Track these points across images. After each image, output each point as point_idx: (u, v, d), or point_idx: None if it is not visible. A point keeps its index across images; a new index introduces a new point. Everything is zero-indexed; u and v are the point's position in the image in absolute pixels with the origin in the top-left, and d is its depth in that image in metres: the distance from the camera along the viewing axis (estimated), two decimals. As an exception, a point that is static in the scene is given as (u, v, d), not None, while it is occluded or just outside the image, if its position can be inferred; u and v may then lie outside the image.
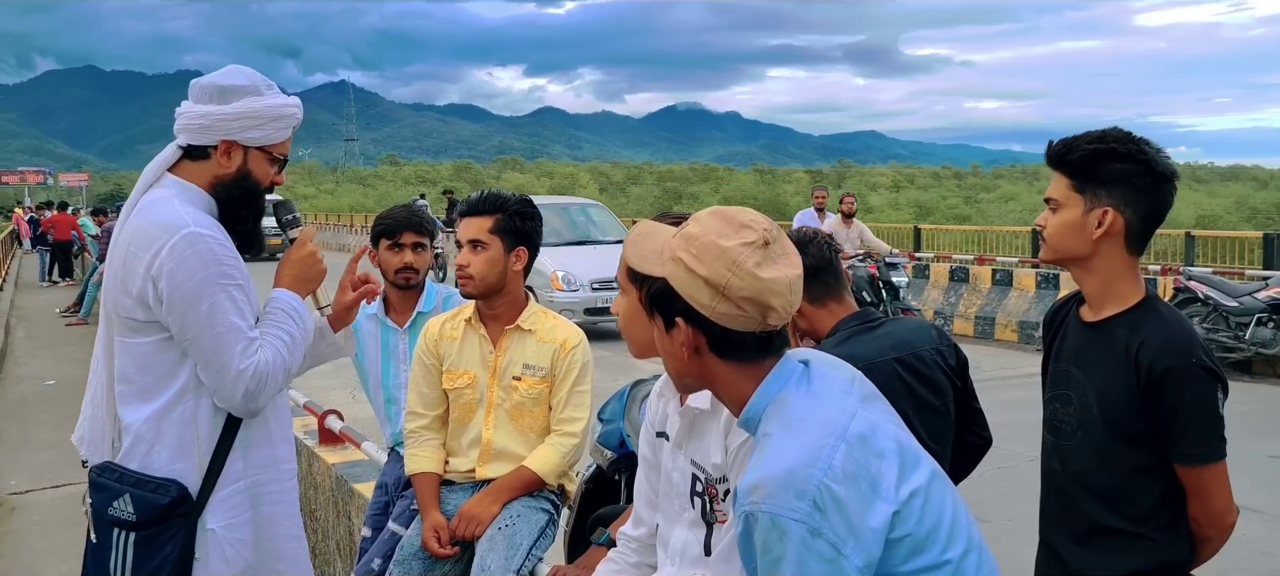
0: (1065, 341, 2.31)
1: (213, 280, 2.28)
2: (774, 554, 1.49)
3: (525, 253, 3.09)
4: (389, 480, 3.67)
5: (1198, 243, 18.11)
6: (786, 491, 1.49)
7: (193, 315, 2.27)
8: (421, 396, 3.20)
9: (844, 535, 1.49)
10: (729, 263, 1.62)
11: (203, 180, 2.42)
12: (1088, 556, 2.23)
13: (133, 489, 2.33)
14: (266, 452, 2.49)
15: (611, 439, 3.52)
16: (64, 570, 5.74)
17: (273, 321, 2.44)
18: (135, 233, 2.32)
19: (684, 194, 62.88)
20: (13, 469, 7.88)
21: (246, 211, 2.45)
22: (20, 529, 6.51)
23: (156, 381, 2.34)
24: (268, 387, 2.37)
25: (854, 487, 1.51)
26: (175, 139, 2.44)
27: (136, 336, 2.34)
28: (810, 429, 1.59)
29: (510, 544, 2.92)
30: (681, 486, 2.08)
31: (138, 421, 2.35)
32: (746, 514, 1.52)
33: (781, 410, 1.63)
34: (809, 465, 1.51)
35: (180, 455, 2.35)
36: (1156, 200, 2.16)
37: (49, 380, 11.65)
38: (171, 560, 2.32)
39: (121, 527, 2.34)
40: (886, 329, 2.72)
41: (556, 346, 3.08)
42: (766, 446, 1.59)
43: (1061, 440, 2.29)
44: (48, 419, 9.65)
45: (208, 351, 2.30)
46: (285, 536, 2.53)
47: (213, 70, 2.50)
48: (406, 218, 3.68)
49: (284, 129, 2.46)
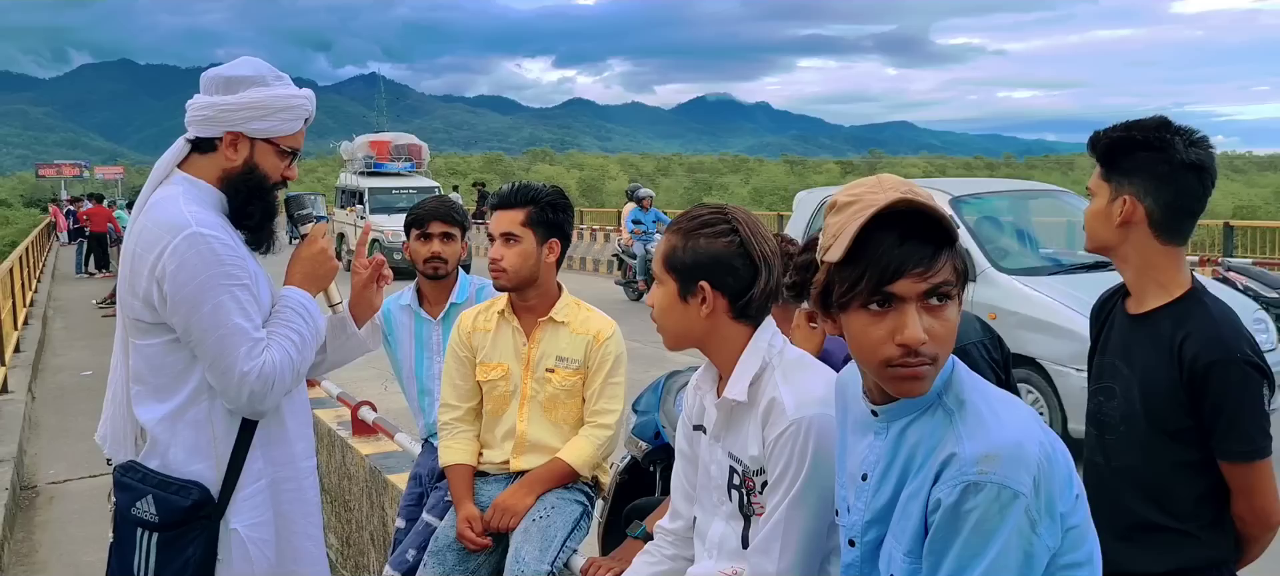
0: (1111, 334, 2.28)
1: (215, 281, 2.25)
2: (989, 526, 1.45)
3: (558, 244, 3.08)
4: (423, 471, 3.67)
5: (1237, 233, 17.86)
6: (1017, 464, 1.46)
7: (196, 317, 2.25)
8: (455, 388, 3.20)
9: (1043, 513, 1.47)
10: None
11: (211, 175, 2.39)
12: (1131, 553, 2.19)
13: (155, 490, 2.32)
14: (284, 450, 2.47)
15: (646, 430, 3.51)
16: (102, 557, 5.77)
17: (281, 321, 2.41)
18: (141, 233, 2.30)
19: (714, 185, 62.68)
20: (51, 458, 7.99)
21: (255, 206, 2.41)
22: (59, 517, 6.60)
23: (169, 382, 2.33)
24: (275, 388, 2.34)
25: (1054, 468, 1.50)
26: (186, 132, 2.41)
27: (147, 337, 2.33)
28: (1011, 404, 1.58)
29: (544, 536, 2.91)
30: (719, 479, 2.07)
31: (153, 421, 2.33)
32: (971, 482, 1.47)
33: (970, 383, 1.60)
34: (1030, 441, 1.49)
35: (196, 456, 2.33)
36: (1179, 188, 2.12)
37: (86, 370, 11.79)
38: (194, 562, 2.31)
39: (144, 528, 2.33)
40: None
41: (589, 338, 3.06)
42: (976, 415, 1.54)
43: (1105, 434, 2.25)
44: (85, 409, 9.75)
45: (212, 353, 2.27)
46: (302, 536, 2.51)
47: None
48: (434, 207, 3.67)
49: (292, 121, 2.42)
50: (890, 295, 1.50)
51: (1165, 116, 2.16)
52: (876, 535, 1.65)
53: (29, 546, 6.06)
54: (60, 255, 31.29)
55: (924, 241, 1.50)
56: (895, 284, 1.50)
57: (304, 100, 2.44)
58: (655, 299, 2.10)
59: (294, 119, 2.42)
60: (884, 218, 1.50)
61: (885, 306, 1.51)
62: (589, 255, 24.58)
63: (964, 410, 1.55)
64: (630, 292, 16.51)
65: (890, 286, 1.50)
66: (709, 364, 2.14)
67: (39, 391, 10.47)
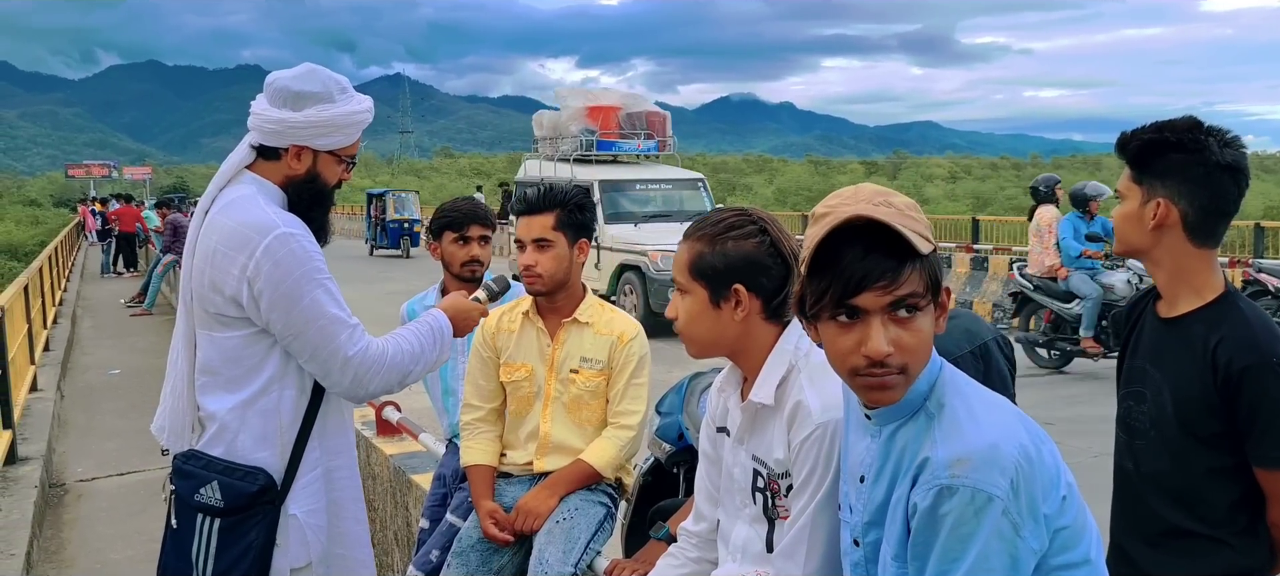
0: (1141, 337, 2.25)
1: (309, 276, 2.35)
2: (965, 530, 1.46)
3: (587, 245, 3.08)
4: (447, 472, 3.68)
5: (1268, 233, 17.66)
6: (991, 467, 1.47)
7: (296, 312, 2.34)
8: (478, 388, 3.20)
9: (1025, 516, 1.47)
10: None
11: (275, 178, 2.48)
12: (1161, 559, 2.17)
13: (221, 476, 2.40)
14: (338, 440, 2.57)
15: (670, 432, 3.50)
16: (129, 555, 5.85)
17: (415, 331, 2.57)
18: (224, 232, 2.37)
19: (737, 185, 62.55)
20: (80, 456, 8.06)
21: (317, 210, 2.52)
22: (88, 514, 6.66)
23: (244, 373, 2.42)
24: (376, 374, 2.45)
25: (1035, 470, 1.49)
26: (248, 136, 2.48)
27: (226, 330, 2.40)
28: (994, 406, 1.58)
29: (568, 537, 2.91)
30: (743, 482, 2.05)
31: (222, 410, 2.42)
32: (943, 486, 1.48)
33: (953, 387, 1.60)
34: (1007, 443, 1.49)
35: (263, 443, 2.42)
36: (1214, 191, 2.09)
37: (114, 369, 11.90)
38: (255, 547, 2.39)
39: (206, 514, 2.41)
40: (951, 322, 2.69)
41: (613, 339, 3.06)
42: (953, 419, 1.55)
43: (1134, 439, 2.22)
44: (113, 408, 9.86)
45: (314, 344, 2.37)
46: (351, 519, 2.61)
47: (271, 65, 2.56)
48: (472, 210, 3.67)
49: (354, 133, 2.52)
50: (856, 308, 1.52)
51: (1196, 117, 2.14)
52: (876, 536, 1.67)
53: (57, 543, 6.12)
54: (88, 254, 31.60)
55: (888, 254, 1.51)
56: (858, 297, 1.51)
57: (365, 113, 2.52)
58: (679, 309, 2.08)
59: (354, 132, 2.52)
60: (854, 229, 1.51)
61: (852, 318, 1.53)
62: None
63: (942, 414, 1.56)
64: (1056, 358, 10.68)
65: (854, 299, 1.51)
66: (733, 366, 2.12)
67: (68, 390, 10.57)
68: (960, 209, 39.82)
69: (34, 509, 5.79)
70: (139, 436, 8.44)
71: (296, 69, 2.48)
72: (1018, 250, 19.33)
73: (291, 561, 2.44)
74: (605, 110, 15.24)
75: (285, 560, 2.43)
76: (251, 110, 2.47)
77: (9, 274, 32.25)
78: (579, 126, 15.09)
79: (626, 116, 15.38)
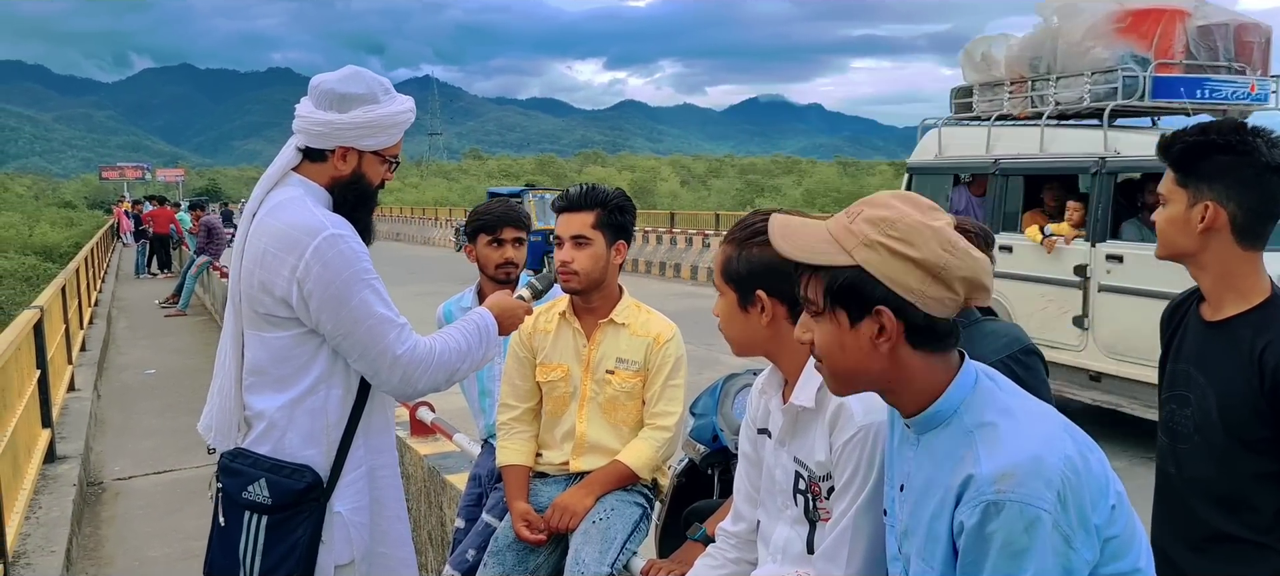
0: (1184, 340, 2.22)
1: (357, 277, 2.39)
2: (1017, 546, 1.43)
3: (624, 246, 3.09)
4: (483, 472, 3.70)
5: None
6: (1036, 480, 1.44)
7: (345, 312, 2.38)
8: (514, 388, 3.22)
9: (1076, 527, 1.45)
10: (945, 242, 1.54)
11: (320, 179, 2.52)
12: (1205, 565, 2.14)
13: (268, 474, 2.44)
14: (382, 439, 2.62)
15: (704, 433, 3.50)
16: (166, 553, 5.92)
17: (461, 330, 2.61)
18: (273, 234, 2.41)
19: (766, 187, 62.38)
20: (117, 455, 8.16)
21: (362, 210, 2.56)
22: (125, 513, 6.74)
23: (292, 372, 2.46)
24: (424, 373, 2.49)
25: (1082, 480, 1.47)
26: (294, 138, 2.53)
27: (276, 331, 2.45)
28: (1037, 417, 1.55)
29: (604, 538, 2.92)
30: (784, 483, 2.06)
31: (271, 409, 2.46)
32: (990, 503, 1.45)
33: (993, 399, 1.58)
34: (1052, 454, 1.46)
35: (310, 442, 2.46)
36: (1264, 192, 2.07)
37: (149, 369, 12.03)
38: (302, 543, 2.43)
39: (254, 511, 2.45)
40: (991, 327, 2.70)
41: (650, 340, 3.06)
42: (994, 433, 1.51)
43: (1177, 443, 2.20)
44: (149, 407, 9.96)
45: (363, 343, 2.41)
46: (393, 518, 2.65)
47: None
48: (506, 213, 3.69)
49: (397, 134, 2.56)
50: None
51: (1237, 119, 2.12)
52: (910, 547, 1.65)
53: (96, 541, 6.19)
54: (122, 255, 31.95)
55: (800, 263, 1.64)
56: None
57: (408, 114, 2.58)
58: (718, 310, 2.14)
59: (398, 132, 2.57)
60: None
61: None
62: (640, 257, 24.62)
63: (982, 428, 1.54)
64: None
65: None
66: (774, 368, 2.13)
67: (104, 389, 10.70)
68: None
69: (73, 507, 5.87)
70: (175, 435, 8.54)
71: (340, 72, 2.53)
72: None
73: (336, 558, 2.48)
74: (1158, 14, 7.77)
75: (330, 557, 2.47)
76: (297, 113, 2.52)
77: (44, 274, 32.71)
78: (1107, 48, 7.76)
79: (1198, 32, 7.84)
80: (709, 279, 22.31)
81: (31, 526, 5.41)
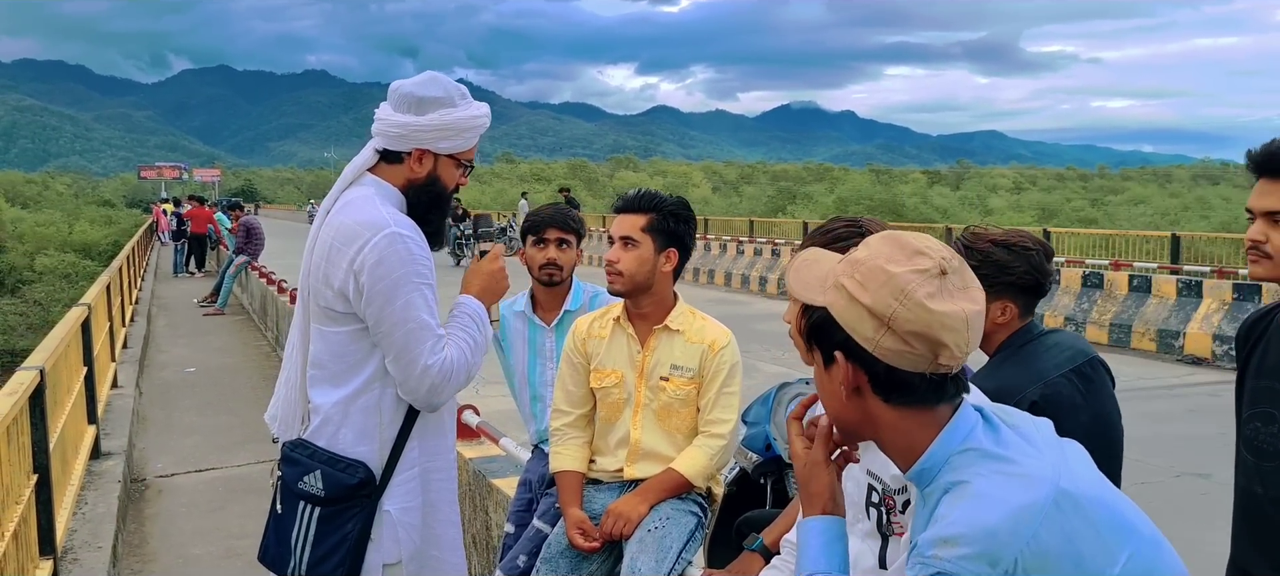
0: (1267, 355, 2.17)
1: (408, 278, 2.41)
2: None
3: (676, 254, 3.07)
4: (533, 477, 3.68)
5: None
6: (979, 559, 1.34)
7: (388, 310, 2.40)
8: (568, 394, 3.21)
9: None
10: (896, 291, 1.44)
11: (396, 181, 2.56)
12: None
13: (324, 466, 2.48)
14: (438, 442, 2.62)
15: (757, 442, 3.47)
16: (209, 550, 5.95)
17: (458, 324, 2.59)
18: (339, 229, 2.46)
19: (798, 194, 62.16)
20: (159, 452, 8.22)
21: (435, 213, 2.59)
22: (168, 510, 6.78)
23: (348, 368, 2.49)
24: (450, 384, 2.50)
25: (1053, 561, 1.34)
26: (372, 140, 2.57)
27: (335, 325, 2.48)
28: (1015, 484, 1.40)
29: (660, 546, 2.90)
30: (856, 497, 2.02)
31: (327, 404, 2.50)
32: (922, 568, 1.38)
33: (974, 462, 1.45)
34: (1012, 531, 1.34)
35: (363, 439, 2.48)
36: None
37: (189, 367, 12.13)
38: (351, 538, 2.46)
39: (308, 502, 2.49)
40: (1054, 339, 2.65)
41: (705, 347, 3.04)
42: (965, 493, 1.41)
43: (1263, 461, 2.15)
44: (190, 404, 10.04)
45: (399, 345, 2.42)
46: (445, 522, 2.65)
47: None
48: (551, 214, 3.69)
49: (472, 138, 2.59)
50: None
51: None
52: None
53: (140, 537, 6.23)
54: (160, 254, 32.30)
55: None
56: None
57: (484, 118, 2.61)
58: (791, 316, 2.08)
59: (474, 136, 2.59)
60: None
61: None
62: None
63: (954, 487, 1.44)
64: None
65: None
66: None
67: (145, 387, 10.80)
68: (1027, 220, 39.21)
69: (118, 503, 5.91)
70: (216, 433, 8.61)
71: (419, 77, 2.57)
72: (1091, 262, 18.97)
73: (383, 557, 2.50)
74: None
75: (378, 555, 2.49)
76: (376, 116, 2.56)
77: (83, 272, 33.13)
78: None
79: None
80: (744, 286, 22.28)
81: (78, 522, 5.46)
